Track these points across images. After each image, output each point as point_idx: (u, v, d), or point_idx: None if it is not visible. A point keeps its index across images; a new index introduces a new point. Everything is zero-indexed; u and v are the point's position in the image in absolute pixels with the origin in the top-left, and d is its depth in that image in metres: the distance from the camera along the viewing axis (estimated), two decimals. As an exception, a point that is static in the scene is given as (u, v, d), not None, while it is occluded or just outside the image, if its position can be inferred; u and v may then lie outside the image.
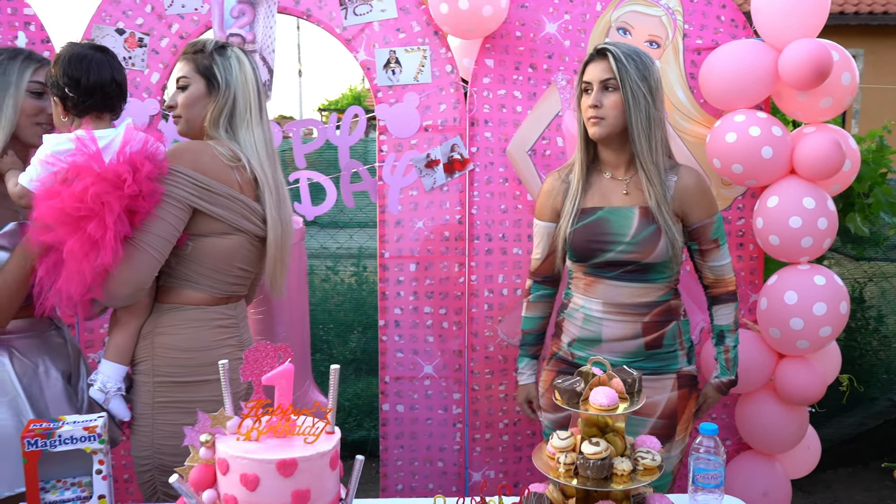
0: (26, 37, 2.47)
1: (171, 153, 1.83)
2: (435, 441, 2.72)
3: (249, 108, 1.92)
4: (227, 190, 1.83)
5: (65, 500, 1.60)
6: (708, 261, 2.09)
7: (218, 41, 1.95)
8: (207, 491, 1.42)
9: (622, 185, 2.03)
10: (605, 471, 1.50)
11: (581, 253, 2.03)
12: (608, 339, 2.02)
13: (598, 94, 1.97)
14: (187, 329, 1.86)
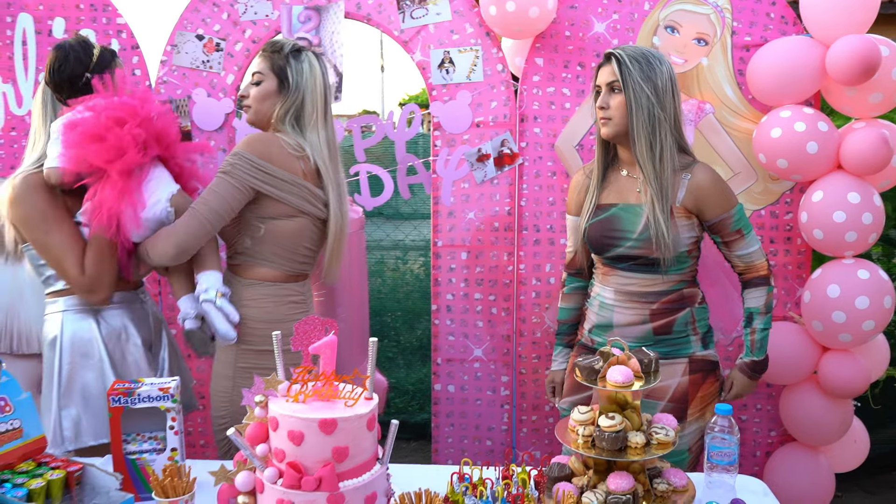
0: (119, 43, 2.74)
1: (242, 141, 2.08)
2: (484, 421, 2.87)
3: (316, 110, 2.13)
4: (291, 176, 2.06)
5: (142, 450, 1.83)
6: (734, 251, 2.13)
7: (296, 44, 2.17)
8: (261, 445, 1.62)
9: (637, 183, 2.10)
10: (619, 443, 1.61)
11: (596, 246, 2.14)
12: (618, 324, 2.12)
13: (605, 95, 2.06)
14: (267, 303, 2.12)
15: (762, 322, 2.16)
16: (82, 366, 2.12)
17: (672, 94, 2.06)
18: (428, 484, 1.60)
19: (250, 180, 2.03)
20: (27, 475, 1.64)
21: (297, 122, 2.12)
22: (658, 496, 1.67)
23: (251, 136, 2.10)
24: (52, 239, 2.06)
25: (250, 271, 2.12)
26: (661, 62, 2.06)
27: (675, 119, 2.08)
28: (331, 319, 1.70)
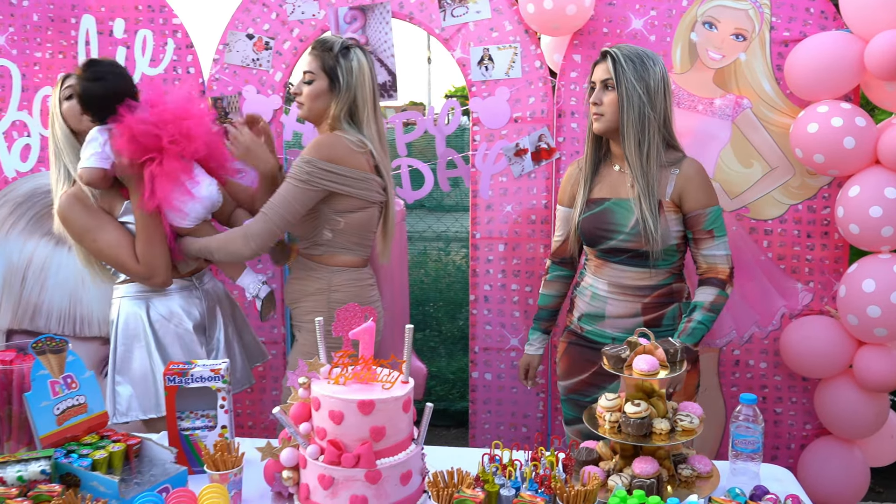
0: (174, 43, 2.88)
1: (309, 147, 2.23)
2: (519, 408, 2.95)
3: (367, 106, 2.27)
4: (360, 172, 2.23)
5: (195, 427, 1.95)
6: (701, 249, 2.17)
7: (345, 42, 2.28)
8: (304, 423, 1.73)
9: (628, 178, 2.17)
10: (644, 429, 1.68)
11: (589, 239, 2.23)
12: (611, 315, 2.20)
13: (599, 92, 2.14)
14: (354, 287, 2.31)
15: (702, 316, 2.14)
16: (133, 347, 2.30)
17: (664, 94, 2.14)
18: (461, 465, 1.69)
19: (323, 184, 2.18)
20: (91, 447, 1.77)
21: (353, 118, 2.26)
22: (683, 481, 1.73)
23: (319, 141, 2.23)
24: (101, 244, 2.24)
25: (334, 259, 2.30)
26: (654, 63, 2.14)
27: (664, 118, 2.15)
28: (370, 307, 1.80)
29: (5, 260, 3.07)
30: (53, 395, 1.78)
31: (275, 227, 2.21)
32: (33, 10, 2.91)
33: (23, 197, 3.04)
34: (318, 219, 2.26)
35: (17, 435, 1.83)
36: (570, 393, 2.37)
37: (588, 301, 2.28)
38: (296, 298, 2.35)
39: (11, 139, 2.99)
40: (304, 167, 2.19)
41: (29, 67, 2.94)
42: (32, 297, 3.09)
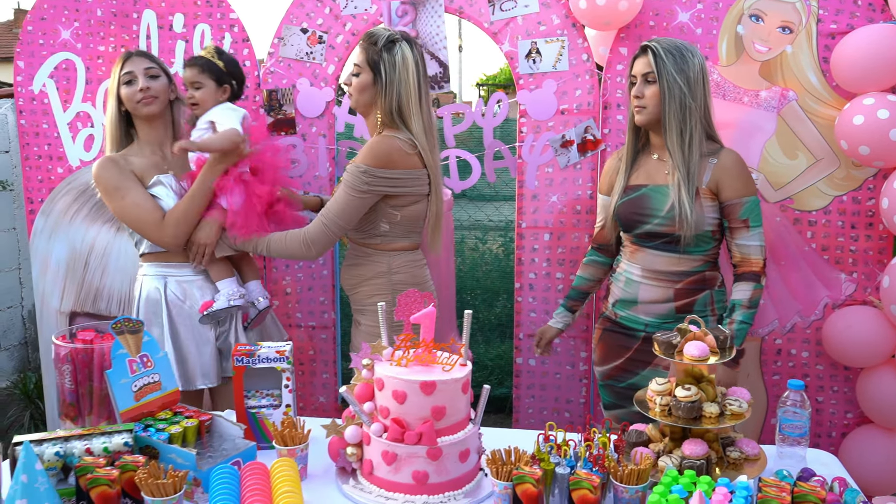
0: (231, 37, 2.99)
1: (363, 154, 2.31)
2: (562, 394, 3.03)
3: (410, 101, 2.32)
4: (413, 172, 2.32)
5: (261, 405, 2.06)
6: (735, 238, 2.24)
7: (391, 35, 2.33)
8: (367, 403, 1.83)
9: (665, 166, 2.25)
10: (694, 412, 1.74)
11: (625, 223, 2.31)
12: (643, 300, 2.27)
13: (640, 85, 2.21)
14: (413, 268, 2.42)
15: (742, 315, 2.22)
16: (153, 323, 2.46)
17: (703, 85, 2.21)
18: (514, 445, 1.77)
19: (379, 189, 2.29)
20: (166, 422, 1.89)
21: (400, 115, 2.32)
22: (731, 463, 1.79)
23: (372, 148, 2.30)
24: (127, 202, 2.41)
25: (392, 245, 2.39)
26: (693, 55, 2.20)
27: (704, 108, 2.22)
28: (429, 293, 1.89)
29: (69, 245, 3.21)
30: (131, 373, 1.89)
31: (332, 235, 2.34)
32: (97, 5, 3.03)
33: (86, 185, 3.17)
34: (375, 213, 2.35)
35: (98, 410, 1.95)
36: (606, 379, 2.46)
37: (622, 287, 2.36)
38: (354, 284, 2.44)
39: (76, 129, 3.12)
40: (361, 176, 2.27)
41: (93, 61, 3.07)
42: (94, 280, 3.23)
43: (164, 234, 2.42)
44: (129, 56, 2.46)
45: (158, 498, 1.55)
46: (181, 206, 2.42)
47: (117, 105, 2.47)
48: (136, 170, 2.45)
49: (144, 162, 2.47)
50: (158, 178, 2.45)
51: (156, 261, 2.51)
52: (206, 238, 2.44)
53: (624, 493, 1.62)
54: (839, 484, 1.66)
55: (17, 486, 1.54)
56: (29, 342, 4.91)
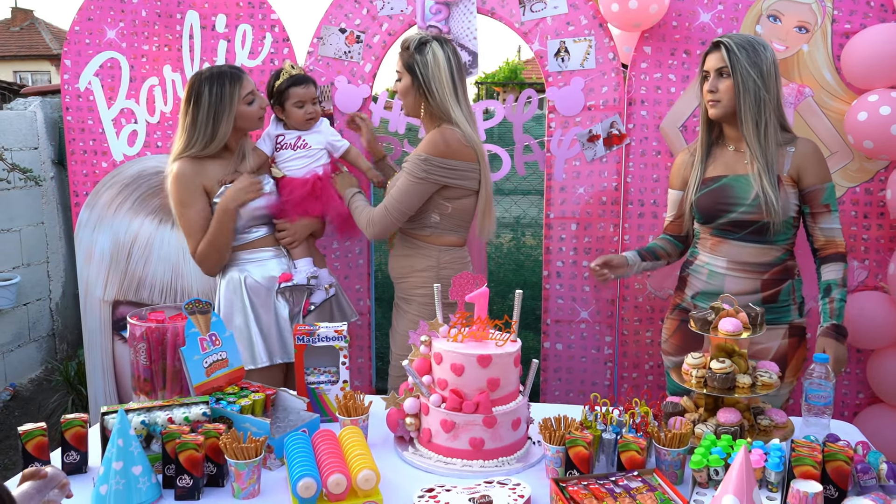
0: (272, 37, 3.13)
1: (425, 144, 2.48)
2: (588, 377, 3.18)
3: (447, 96, 2.48)
4: (468, 164, 2.49)
5: (320, 381, 2.20)
6: (818, 223, 2.33)
7: (421, 38, 2.50)
8: (426, 376, 1.97)
9: (744, 156, 2.34)
10: (728, 383, 1.89)
11: (707, 214, 2.36)
12: (730, 292, 2.28)
13: (714, 80, 2.31)
14: (459, 265, 2.57)
15: (839, 293, 2.31)
16: (234, 308, 2.59)
17: (775, 77, 2.30)
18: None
19: (439, 179, 2.45)
20: (235, 395, 2.03)
21: (442, 109, 2.48)
22: (761, 430, 1.94)
23: (433, 139, 2.47)
24: (183, 219, 2.55)
25: (440, 239, 2.55)
26: (765, 48, 2.30)
27: (777, 100, 2.31)
28: (480, 275, 2.03)
29: (113, 237, 3.35)
30: (202, 351, 2.03)
31: (394, 220, 2.50)
32: (142, 6, 3.16)
33: (129, 179, 3.32)
34: (428, 203, 2.50)
35: (171, 385, 2.09)
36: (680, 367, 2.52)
37: (705, 279, 2.41)
38: (404, 273, 2.59)
39: (120, 125, 3.26)
40: (422, 164, 2.43)
41: (137, 59, 3.21)
42: (137, 270, 3.37)
43: (202, 262, 2.58)
44: (240, 77, 2.55)
45: (241, 460, 1.70)
46: (205, 241, 2.54)
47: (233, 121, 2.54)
48: (210, 177, 2.55)
49: (221, 167, 2.58)
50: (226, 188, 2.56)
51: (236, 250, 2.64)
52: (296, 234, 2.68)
53: (666, 455, 1.77)
54: (863, 447, 1.82)
55: (113, 449, 1.69)
56: (56, 334, 5.05)
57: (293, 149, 2.74)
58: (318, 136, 2.78)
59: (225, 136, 2.54)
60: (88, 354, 3.48)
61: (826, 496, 1.61)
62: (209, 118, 2.51)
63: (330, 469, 1.63)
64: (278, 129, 2.79)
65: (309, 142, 2.75)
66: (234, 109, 2.52)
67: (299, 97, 2.71)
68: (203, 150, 2.53)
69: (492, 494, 1.66)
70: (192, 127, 2.52)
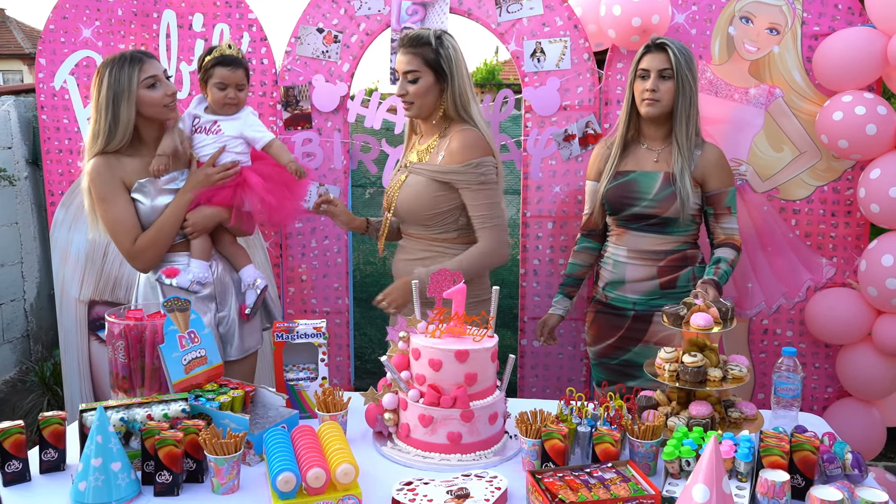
0: (249, 36, 3.13)
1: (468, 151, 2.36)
2: (564, 373, 3.22)
3: (469, 90, 2.41)
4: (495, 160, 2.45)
5: (299, 378, 2.22)
6: (721, 223, 2.52)
7: (435, 32, 2.39)
8: (404, 372, 2.00)
9: (654, 154, 2.50)
10: (700, 376, 1.94)
11: (614, 206, 2.52)
12: (630, 280, 2.49)
13: (655, 80, 2.42)
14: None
15: (726, 267, 2.45)
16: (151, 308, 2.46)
17: (698, 82, 2.49)
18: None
19: (497, 179, 2.43)
20: (214, 393, 2.04)
21: (465, 108, 2.41)
22: (732, 422, 1.99)
23: (472, 143, 2.38)
24: (108, 215, 2.41)
25: (466, 237, 2.47)
26: (692, 55, 2.46)
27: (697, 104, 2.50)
28: (458, 272, 2.06)
29: (88, 236, 3.33)
30: (181, 348, 2.04)
31: (504, 228, 2.46)
32: (118, 5, 3.15)
33: (106, 178, 3.29)
34: (455, 208, 2.43)
35: (149, 383, 2.10)
36: (600, 357, 2.66)
37: (610, 269, 2.57)
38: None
39: (96, 124, 3.24)
40: (484, 169, 2.37)
41: (113, 58, 3.19)
42: (113, 270, 3.36)
43: (135, 257, 2.46)
44: (142, 60, 2.39)
45: (221, 456, 1.71)
46: (151, 232, 2.43)
47: (133, 107, 2.38)
48: (128, 171, 2.42)
49: (139, 162, 2.44)
50: (141, 184, 2.43)
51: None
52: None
53: (640, 447, 1.81)
54: (829, 438, 1.87)
55: (92, 446, 1.69)
56: (31, 335, 5.00)
57: (206, 133, 2.55)
58: (234, 122, 2.55)
59: (128, 123, 2.36)
60: (64, 355, 3.45)
61: (793, 485, 1.65)
62: (108, 103, 2.35)
63: (309, 463, 1.65)
64: (197, 110, 2.59)
65: (223, 128, 2.54)
66: (132, 94, 2.35)
67: (222, 78, 2.50)
68: (110, 143, 2.37)
69: (469, 487, 1.69)
70: (95, 114, 2.39)
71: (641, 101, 2.46)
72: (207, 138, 2.54)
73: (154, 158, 2.43)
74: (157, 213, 2.44)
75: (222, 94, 2.52)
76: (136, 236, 2.43)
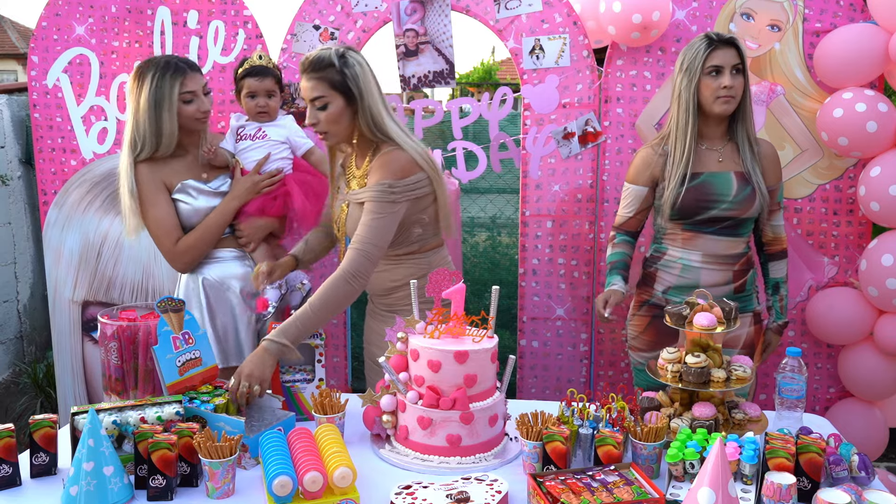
0: (245, 33, 3.10)
1: (381, 171, 2.17)
2: (564, 374, 3.18)
3: (380, 108, 2.20)
4: (421, 174, 2.22)
5: (295, 379, 2.18)
6: (771, 220, 2.48)
7: (337, 50, 2.17)
8: (402, 373, 1.96)
9: (717, 154, 2.41)
10: (703, 377, 1.91)
11: (688, 211, 2.37)
12: (705, 284, 2.36)
13: (730, 76, 2.32)
14: (446, 263, 2.38)
15: (785, 289, 2.53)
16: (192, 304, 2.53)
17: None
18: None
19: (405, 198, 2.19)
20: (209, 395, 2.00)
21: (379, 128, 2.20)
22: (736, 424, 1.96)
23: (387, 164, 2.18)
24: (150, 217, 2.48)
25: (427, 246, 2.34)
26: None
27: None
28: (457, 272, 2.03)
29: (82, 236, 3.29)
30: (175, 349, 2.00)
31: (375, 260, 2.18)
32: (111, 1, 3.12)
33: (99, 177, 3.26)
34: (405, 223, 2.25)
35: (143, 385, 2.06)
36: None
37: (678, 274, 2.44)
38: (391, 288, 2.36)
39: (90, 123, 3.21)
40: (388, 193, 2.15)
41: (107, 56, 3.16)
42: (107, 270, 3.32)
43: (175, 259, 2.53)
44: (185, 72, 2.44)
45: (216, 459, 1.68)
46: (194, 235, 2.50)
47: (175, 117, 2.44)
48: (169, 173, 2.50)
49: (181, 163, 2.52)
50: (183, 185, 2.50)
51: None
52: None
53: (643, 449, 1.78)
54: (835, 439, 1.84)
55: (83, 450, 1.65)
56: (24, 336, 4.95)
57: (252, 139, 2.65)
58: (279, 129, 2.67)
59: (172, 134, 2.43)
60: (57, 356, 3.41)
61: (799, 488, 1.62)
62: (148, 109, 2.40)
63: (306, 467, 1.61)
64: (240, 122, 2.71)
65: (269, 133, 2.65)
66: (173, 104, 2.41)
67: (251, 88, 2.64)
68: (153, 153, 2.45)
69: (469, 491, 1.65)
70: (133, 116, 2.44)
71: (716, 99, 2.33)
72: (254, 143, 2.64)
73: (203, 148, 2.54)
74: (198, 214, 2.52)
75: (253, 102, 2.66)
76: (178, 238, 2.51)
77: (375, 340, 2.45)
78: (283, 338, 2.04)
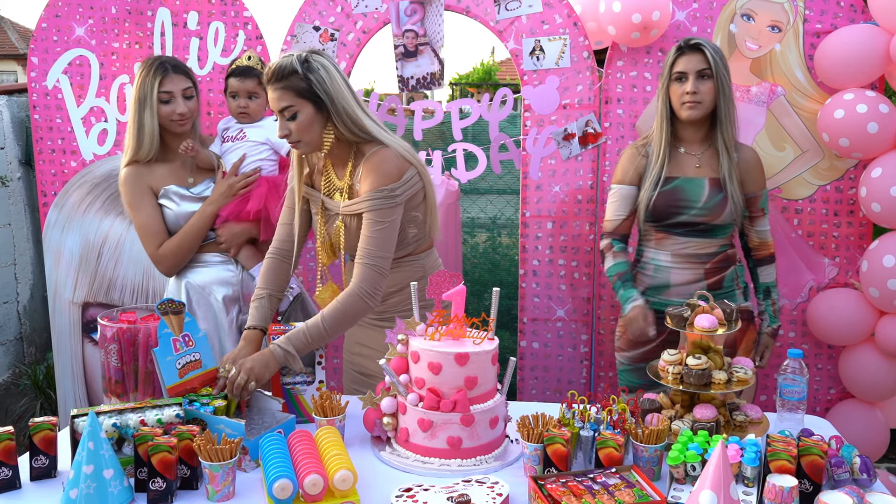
0: (245, 34, 3.09)
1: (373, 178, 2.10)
2: (564, 374, 3.18)
3: (354, 108, 2.10)
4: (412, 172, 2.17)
5: (295, 382, 2.17)
6: (755, 226, 2.50)
7: (300, 56, 2.06)
8: (403, 375, 1.96)
9: (695, 159, 2.43)
10: (704, 379, 1.90)
11: (659, 215, 2.43)
12: (675, 283, 2.43)
13: (696, 81, 2.34)
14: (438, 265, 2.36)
15: (776, 293, 2.54)
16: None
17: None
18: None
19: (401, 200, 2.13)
20: (209, 397, 2.00)
21: (359, 127, 2.12)
22: (737, 426, 1.95)
23: (376, 168, 2.11)
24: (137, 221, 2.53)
25: (422, 246, 2.30)
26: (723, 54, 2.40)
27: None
28: (458, 273, 2.02)
29: (82, 237, 3.29)
30: (175, 352, 2.00)
31: (385, 271, 2.12)
32: (111, 3, 3.11)
33: (99, 178, 3.26)
34: (401, 225, 2.19)
35: (143, 388, 2.06)
36: (635, 363, 2.57)
37: (651, 274, 2.50)
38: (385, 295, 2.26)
39: (90, 124, 3.20)
40: (389, 199, 2.10)
41: (107, 57, 3.15)
42: (108, 272, 3.32)
43: (158, 262, 2.55)
44: (165, 72, 2.44)
45: (216, 462, 1.67)
46: (175, 240, 2.53)
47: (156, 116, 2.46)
48: (156, 178, 2.52)
49: (166, 168, 2.54)
50: (167, 190, 2.53)
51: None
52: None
53: (644, 451, 1.77)
54: (836, 442, 1.83)
55: (83, 452, 1.65)
56: (24, 337, 4.95)
57: (233, 141, 2.64)
58: (259, 129, 2.63)
59: (153, 133, 2.46)
60: (57, 358, 3.41)
61: (801, 490, 1.62)
62: (134, 106, 2.47)
63: (306, 470, 1.61)
64: (227, 124, 2.69)
65: (248, 135, 2.62)
66: (153, 103, 2.43)
67: (233, 88, 2.62)
68: (139, 152, 2.48)
69: (470, 493, 1.65)
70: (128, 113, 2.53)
71: (682, 105, 2.37)
72: (234, 145, 2.63)
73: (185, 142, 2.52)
74: (182, 218, 2.54)
75: (235, 103, 2.64)
76: (161, 242, 2.53)
77: (357, 350, 2.42)
78: (290, 346, 2.05)
